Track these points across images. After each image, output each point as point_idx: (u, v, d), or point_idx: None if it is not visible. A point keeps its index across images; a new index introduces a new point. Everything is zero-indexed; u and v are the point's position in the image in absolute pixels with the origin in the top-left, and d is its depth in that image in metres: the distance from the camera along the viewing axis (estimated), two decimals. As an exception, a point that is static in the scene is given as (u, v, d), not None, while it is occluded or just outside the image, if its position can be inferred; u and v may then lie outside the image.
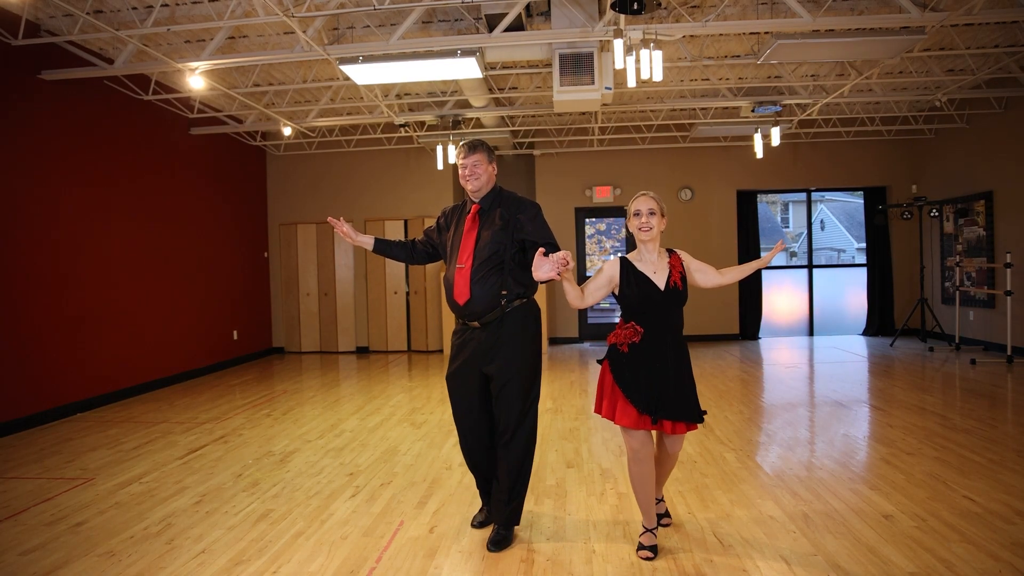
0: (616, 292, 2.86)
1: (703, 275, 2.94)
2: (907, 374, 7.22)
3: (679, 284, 2.84)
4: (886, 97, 8.04)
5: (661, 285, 2.83)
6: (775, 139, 8.42)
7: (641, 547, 2.93)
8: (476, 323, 3.02)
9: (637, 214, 2.87)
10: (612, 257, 3.17)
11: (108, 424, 5.78)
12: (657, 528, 3.02)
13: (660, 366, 2.78)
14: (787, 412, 5.64)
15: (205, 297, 8.63)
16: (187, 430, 5.50)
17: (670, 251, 2.93)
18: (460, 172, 3.08)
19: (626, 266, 2.87)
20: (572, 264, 2.61)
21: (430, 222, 10.37)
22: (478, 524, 3.31)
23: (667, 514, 3.29)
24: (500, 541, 3.07)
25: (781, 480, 3.88)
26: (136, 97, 7.12)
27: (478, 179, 3.07)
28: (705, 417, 3.70)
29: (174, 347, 7.90)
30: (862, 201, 11.06)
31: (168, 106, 7.74)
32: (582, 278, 11.06)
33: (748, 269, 2.93)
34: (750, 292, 10.65)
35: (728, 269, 2.96)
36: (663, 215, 2.89)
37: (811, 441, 4.74)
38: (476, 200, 3.11)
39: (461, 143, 3.17)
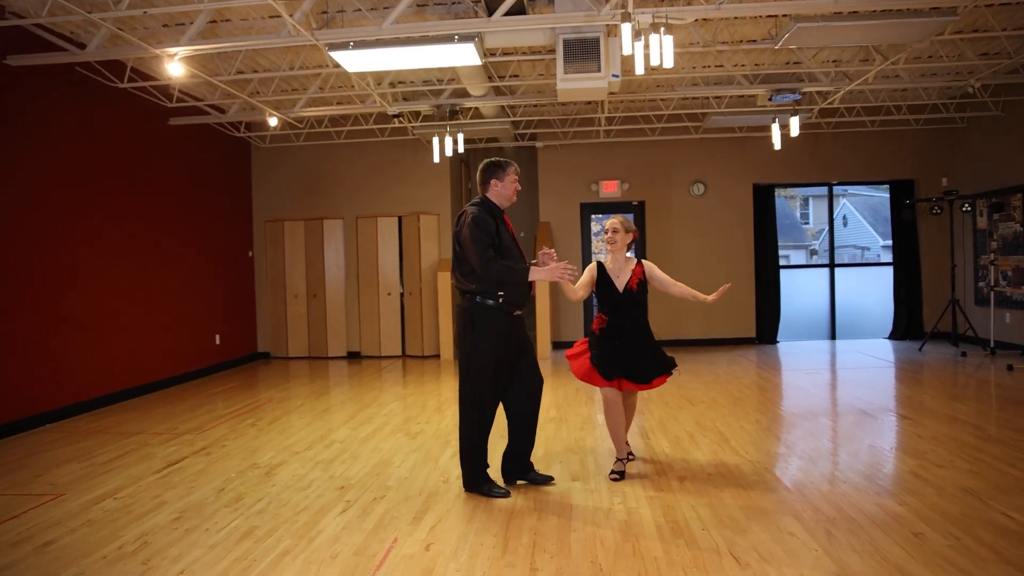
0: (595, 289, 4.24)
1: (660, 284, 4.23)
2: (937, 381, 7.20)
3: (634, 287, 4.18)
4: (914, 83, 8.01)
5: (620, 287, 4.17)
6: (794, 129, 8.40)
7: (612, 472, 4.22)
8: (520, 311, 3.95)
9: (607, 231, 4.24)
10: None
11: (80, 436, 5.76)
12: (627, 459, 4.31)
13: (619, 344, 4.15)
14: (808, 421, 5.61)
15: (185, 299, 8.62)
16: (165, 441, 5.48)
17: (639, 260, 4.20)
18: (515, 186, 3.93)
19: (600, 269, 4.25)
20: (569, 275, 3.71)
21: (426, 219, 10.37)
22: (503, 493, 3.97)
23: (630, 453, 4.49)
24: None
25: (802, 494, 3.86)
26: (110, 85, 7.11)
27: None
28: (719, 425, 4.43)
29: (152, 353, 7.89)
30: (888, 195, 11.03)
31: (145, 95, 7.74)
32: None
33: (689, 294, 4.22)
34: (767, 294, 10.64)
35: (679, 284, 4.23)
36: (628, 231, 4.19)
37: (834, 452, 4.71)
38: (503, 209, 3.96)
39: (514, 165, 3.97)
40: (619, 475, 4.19)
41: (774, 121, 8.71)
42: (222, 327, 9.50)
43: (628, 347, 4.13)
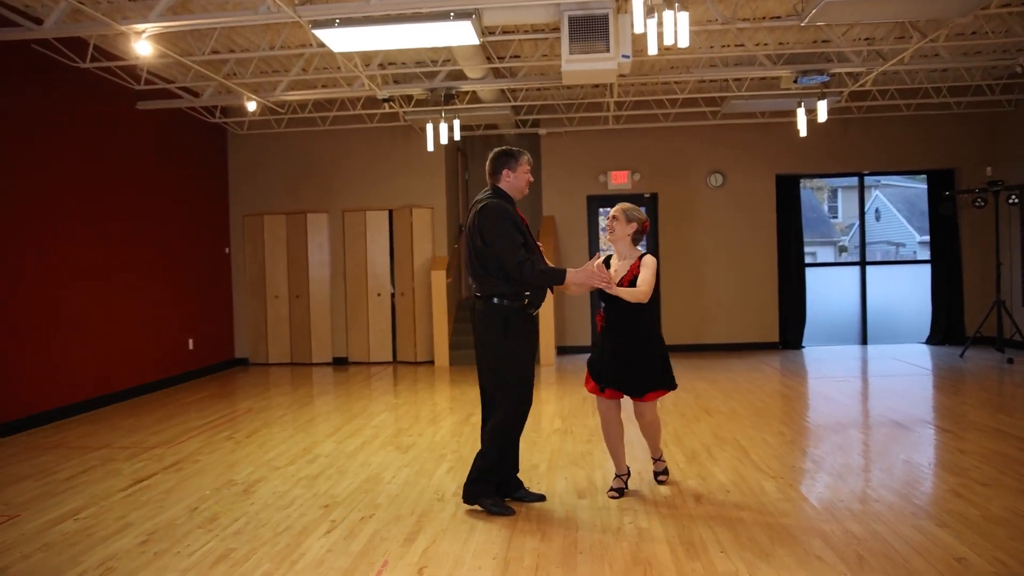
0: None
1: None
2: (980, 390, 7.17)
3: (626, 283, 4.04)
4: (955, 63, 7.98)
5: (616, 281, 4.06)
6: (821, 114, 8.38)
7: (611, 488, 4.25)
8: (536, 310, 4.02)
9: (608, 219, 4.18)
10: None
11: (37, 450, 5.74)
12: (627, 475, 4.30)
13: (611, 346, 4.10)
14: (836, 434, 5.59)
15: (155, 300, 8.61)
16: (132, 456, 5.46)
17: (644, 255, 4.08)
18: (527, 177, 4.01)
19: (607, 262, 4.23)
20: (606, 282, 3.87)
21: (419, 213, 10.36)
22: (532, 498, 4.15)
23: (664, 472, 4.46)
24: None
25: (831, 514, 3.84)
26: (71, 65, 7.09)
27: None
28: (739, 438, 4.34)
29: (117, 359, 7.88)
30: (925, 186, 11.01)
31: (110, 76, 7.72)
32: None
33: (623, 293, 3.99)
34: (791, 294, 10.61)
35: (637, 289, 4.01)
36: (630, 221, 4.09)
37: (866, 468, 4.69)
38: (515, 199, 4.02)
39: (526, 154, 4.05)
40: (617, 492, 4.20)
41: (800, 105, 8.69)
42: (196, 331, 9.49)
43: (623, 352, 4.08)
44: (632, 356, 4.05)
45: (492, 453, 3.98)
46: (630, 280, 4.03)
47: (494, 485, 4.02)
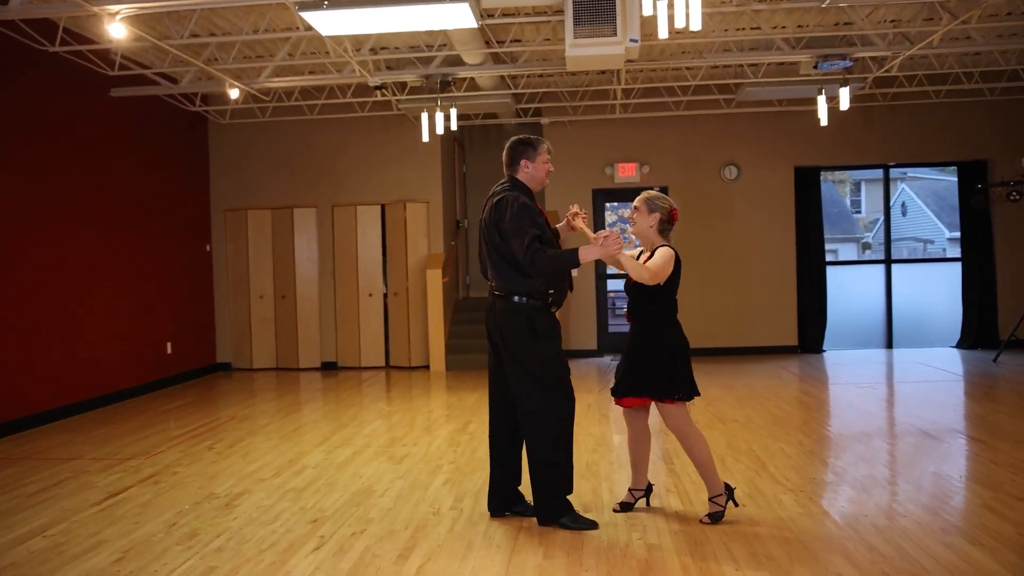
0: None
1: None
2: (1016, 397, 7.16)
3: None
4: (988, 46, 7.96)
5: (631, 277, 4.01)
6: (844, 102, 8.37)
7: (618, 502, 4.24)
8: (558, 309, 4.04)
9: (631, 208, 4.11)
10: (638, 248, 4.24)
11: (3, 462, 5.74)
12: (643, 492, 4.21)
13: (628, 341, 4.09)
14: (860, 444, 5.58)
15: (130, 301, 8.61)
16: (106, 468, 5.45)
17: (662, 246, 3.98)
18: (547, 168, 4.02)
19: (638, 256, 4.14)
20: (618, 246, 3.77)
21: (414, 208, 10.36)
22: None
23: (713, 515, 4.00)
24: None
25: (854, 530, 3.83)
26: (39, 49, 7.08)
27: None
28: (755, 448, 4.24)
29: (89, 364, 7.87)
30: (955, 179, 10.99)
31: (81, 61, 7.71)
32: (602, 275, 11.03)
33: (626, 263, 3.89)
34: (812, 295, 10.61)
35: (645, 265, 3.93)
36: (653, 210, 4.01)
37: (892, 481, 4.69)
38: (534, 192, 4.02)
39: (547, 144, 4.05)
40: (621, 507, 4.18)
41: (820, 93, 8.68)
42: (174, 334, 9.48)
43: (635, 346, 4.03)
44: (642, 350, 3.99)
45: (558, 463, 3.92)
46: None
47: (564, 498, 3.96)
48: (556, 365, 3.93)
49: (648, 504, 4.25)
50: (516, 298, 3.89)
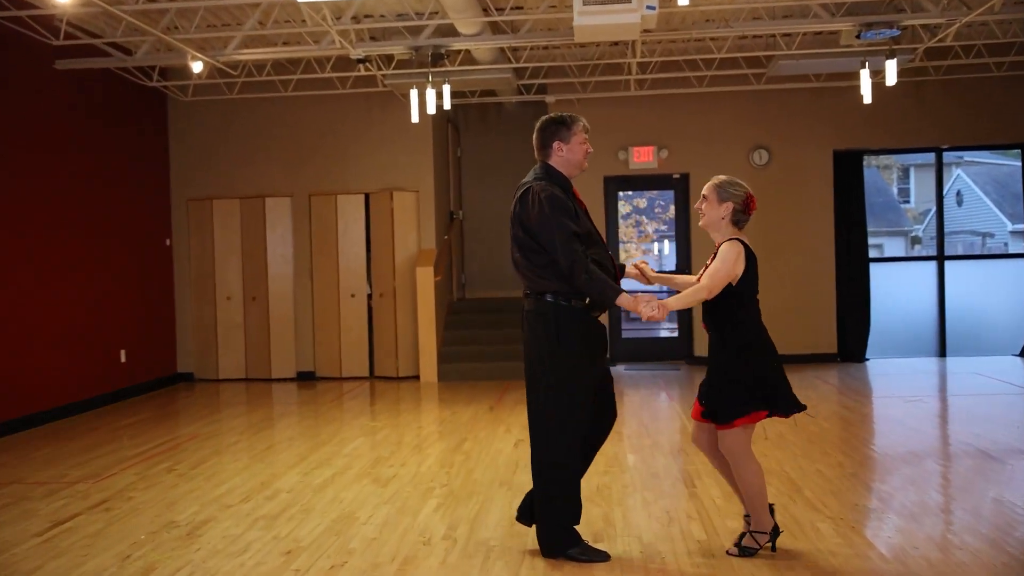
0: None
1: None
2: (1080, 411, 7.14)
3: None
4: (1053, 14, 7.93)
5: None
6: (890, 77, 8.35)
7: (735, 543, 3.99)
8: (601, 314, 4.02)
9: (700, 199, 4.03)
10: (657, 244, 3.86)
11: (-58, 483, 5.73)
12: (749, 523, 3.94)
13: (709, 363, 3.99)
14: (909, 466, 5.57)
15: (78, 302, 8.60)
16: (50, 493, 5.43)
17: (730, 240, 3.89)
18: (584, 148, 3.98)
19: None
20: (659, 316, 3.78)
21: (402, 197, 10.35)
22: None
23: (744, 547, 3.94)
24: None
25: (902, 564, 3.81)
26: (-20, 18, 7.10)
27: None
28: (788, 469, 4.17)
29: (30, 375, 7.87)
30: (1019, 163, 10.97)
31: (21, 28, 7.71)
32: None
33: (680, 305, 3.88)
34: (853, 296, 10.59)
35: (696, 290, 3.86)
36: (724, 200, 3.90)
37: (945, 508, 4.67)
38: (571, 179, 4.02)
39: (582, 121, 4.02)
40: (741, 550, 3.93)
41: (863, 66, 8.66)
42: (129, 340, 9.48)
43: (711, 361, 3.99)
44: (716, 368, 3.94)
45: (543, 493, 3.91)
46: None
47: (569, 528, 3.93)
48: (575, 381, 3.87)
49: (773, 549, 3.96)
50: (548, 297, 3.88)
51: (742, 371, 3.84)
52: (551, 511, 3.92)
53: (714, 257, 3.87)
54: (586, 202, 4.13)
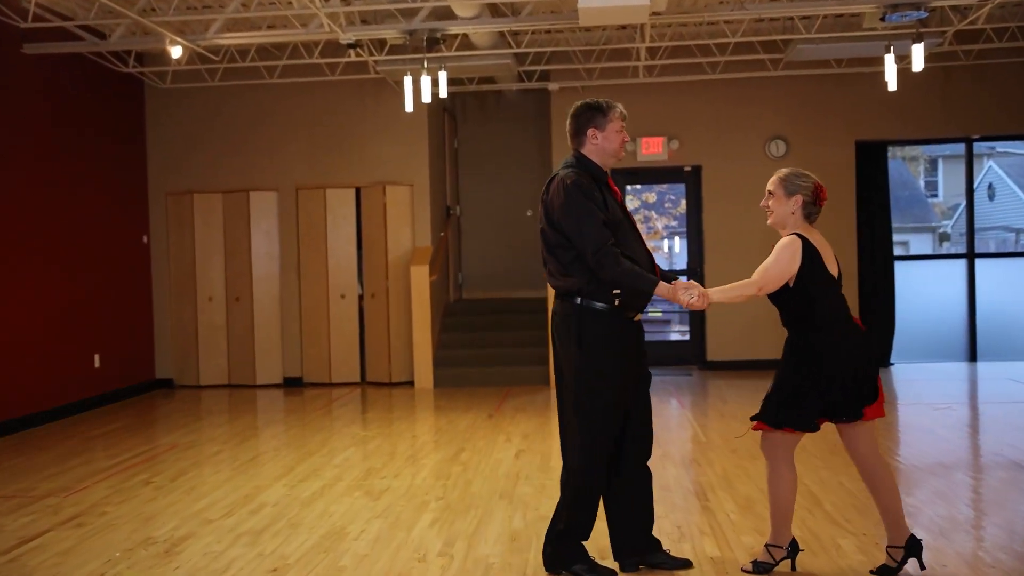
0: None
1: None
2: (1121, 419, 7.13)
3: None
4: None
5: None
6: (917, 62, 8.34)
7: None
8: (639, 316, 3.96)
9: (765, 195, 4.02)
10: (667, 241, 3.85)
11: (-97, 496, 5.72)
12: (787, 547, 3.90)
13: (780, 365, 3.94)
14: (936, 478, 5.56)
15: (49, 304, 8.60)
16: (18, 508, 5.42)
17: (795, 236, 3.90)
18: (621, 137, 3.96)
19: None
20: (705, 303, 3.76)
21: (395, 191, 10.34)
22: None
23: (758, 568, 3.91)
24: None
25: (931, 582, 3.80)
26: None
27: None
28: (808, 481, 4.22)
29: None
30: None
31: (-10, 12, 7.72)
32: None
33: (725, 299, 3.85)
34: (876, 296, 10.58)
35: (741, 283, 3.88)
36: (792, 193, 3.93)
37: (976, 523, 4.65)
38: (606, 169, 4.00)
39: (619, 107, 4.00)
40: (753, 566, 3.93)
41: (888, 51, 8.65)
42: (104, 344, 9.47)
43: (781, 370, 3.95)
44: (782, 367, 3.93)
45: (569, 507, 3.90)
46: None
47: (578, 545, 3.93)
48: (601, 388, 3.82)
49: (793, 567, 3.96)
50: (569, 297, 3.85)
51: (786, 377, 3.84)
52: (571, 527, 3.90)
53: None
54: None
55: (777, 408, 3.80)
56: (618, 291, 3.77)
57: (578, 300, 3.82)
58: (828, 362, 3.76)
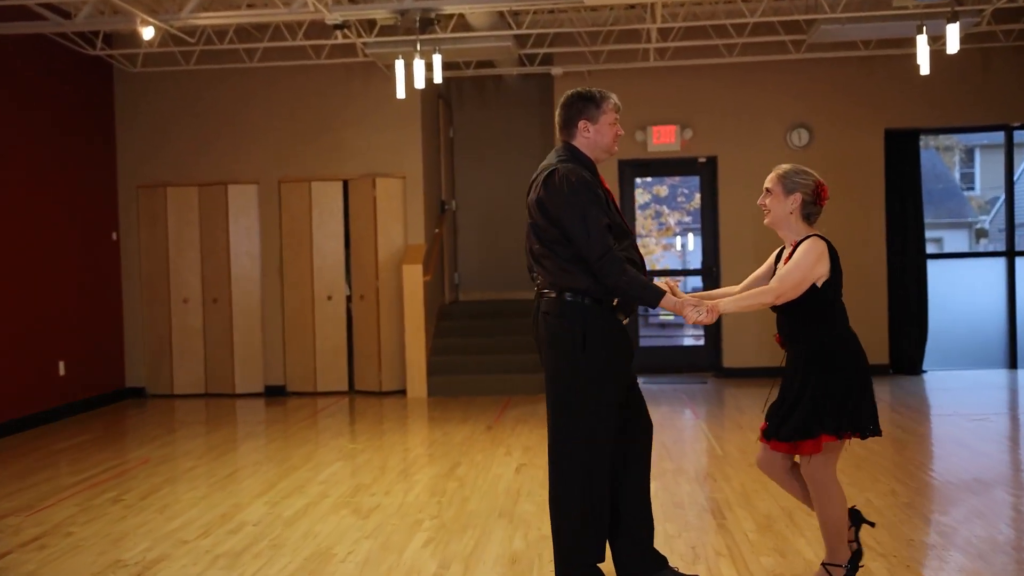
0: None
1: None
2: None
3: None
4: None
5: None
6: (952, 43, 8.33)
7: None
8: (627, 318, 4.00)
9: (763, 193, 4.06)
10: (680, 238, 3.86)
11: None
12: (842, 568, 3.86)
13: (785, 382, 4.00)
14: (975, 495, 5.54)
15: (11, 308, 8.60)
16: (-18, 524, 5.42)
17: (807, 237, 3.93)
18: (614, 130, 4.02)
19: (778, 256, 4.17)
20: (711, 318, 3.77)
21: (386, 184, 10.34)
22: None
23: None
24: None
25: (967, 607, 3.80)
26: None
27: None
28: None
29: (-36, 388, 7.86)
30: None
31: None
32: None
33: (738, 308, 3.96)
34: (906, 297, 10.57)
35: (749, 293, 3.98)
36: (791, 191, 3.94)
37: (1018, 544, 4.64)
38: (597, 164, 4.04)
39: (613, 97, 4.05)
40: None
41: (921, 31, 8.65)
42: (69, 350, 9.46)
43: (784, 380, 4.00)
44: (789, 388, 3.94)
45: (563, 528, 3.87)
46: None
47: (591, 565, 3.89)
48: (598, 395, 3.84)
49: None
50: (569, 296, 3.84)
51: (823, 383, 3.83)
52: (570, 549, 3.87)
53: (790, 257, 3.89)
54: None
55: (834, 417, 3.75)
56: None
57: (582, 299, 3.82)
58: (859, 360, 3.90)
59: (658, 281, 3.97)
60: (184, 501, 5.87)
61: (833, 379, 3.82)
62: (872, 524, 4.01)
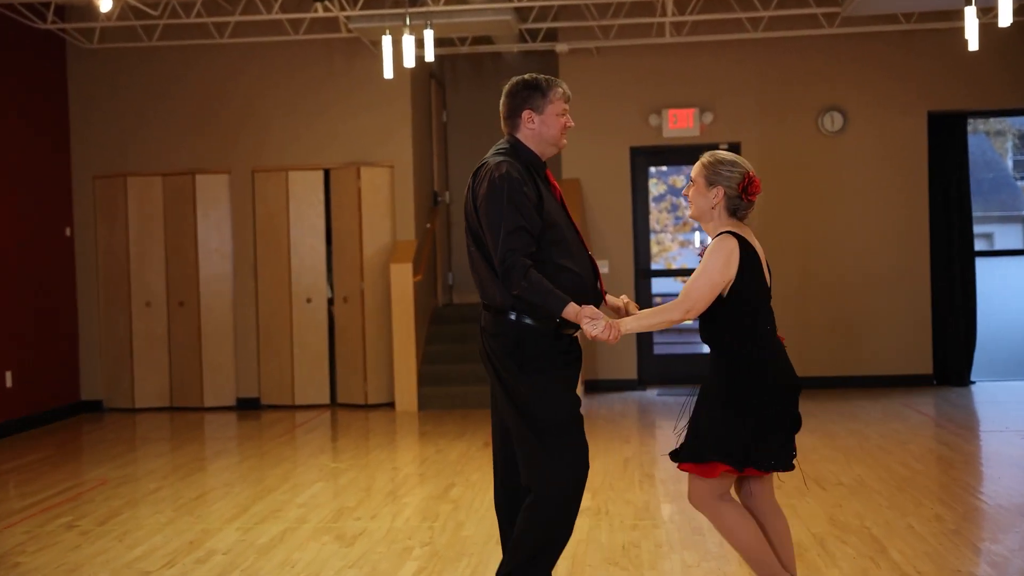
0: None
1: None
2: None
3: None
4: None
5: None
6: (1004, 15, 8.33)
7: None
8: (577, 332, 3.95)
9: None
10: (699, 234, 3.88)
11: None
12: None
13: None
14: (1028, 519, 5.55)
15: (-41, 310, 8.59)
16: (-79, 553, 5.42)
17: (722, 234, 3.83)
18: (562, 122, 3.98)
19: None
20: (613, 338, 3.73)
21: (372, 173, 10.35)
22: None
23: None
24: None
25: (1020, 644, 3.80)
26: None
27: None
28: (870, 524, 4.04)
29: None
30: None
31: None
32: (644, 270, 10.99)
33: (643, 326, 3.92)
34: (952, 300, 10.56)
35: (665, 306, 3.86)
36: (713, 183, 3.86)
37: (1076, 573, 4.63)
38: (544, 158, 4.04)
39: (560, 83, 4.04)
40: None
41: (969, 2, 8.65)
42: (16, 359, 9.46)
43: (701, 397, 4.02)
44: (702, 396, 3.99)
45: (524, 564, 3.85)
46: None
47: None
48: (556, 407, 3.83)
49: None
50: (507, 314, 3.82)
51: (719, 403, 3.85)
52: (527, 567, 3.87)
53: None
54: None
55: (744, 446, 3.73)
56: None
57: (515, 316, 3.80)
58: (773, 388, 3.80)
59: (616, 299, 4.09)
60: (147, 527, 5.86)
61: (720, 401, 3.84)
62: None
